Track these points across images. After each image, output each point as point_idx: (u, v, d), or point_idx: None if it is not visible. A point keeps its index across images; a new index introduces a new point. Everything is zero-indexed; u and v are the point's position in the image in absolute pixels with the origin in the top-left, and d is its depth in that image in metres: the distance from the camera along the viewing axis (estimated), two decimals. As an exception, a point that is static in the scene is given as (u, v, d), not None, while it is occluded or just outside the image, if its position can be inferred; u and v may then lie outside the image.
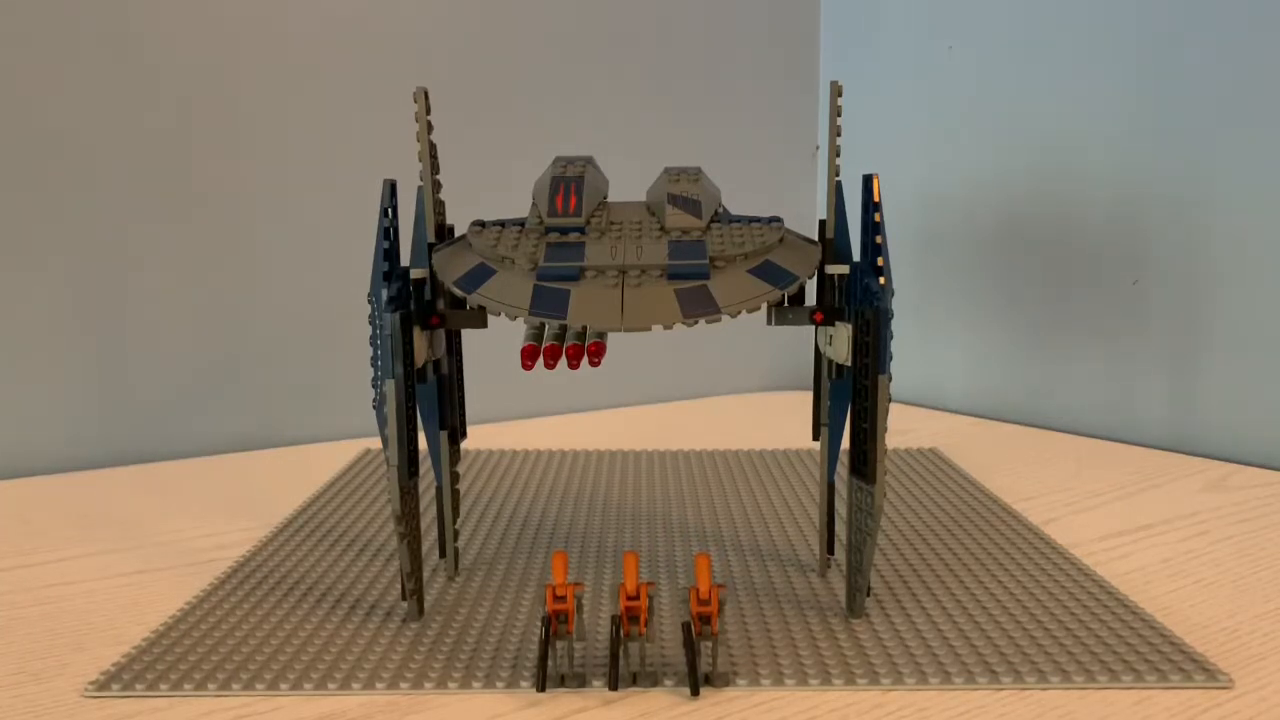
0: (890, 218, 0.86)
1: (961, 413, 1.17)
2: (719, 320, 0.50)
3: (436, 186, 0.58)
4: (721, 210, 0.56)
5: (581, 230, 0.54)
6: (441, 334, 0.60)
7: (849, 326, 0.53)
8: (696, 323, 0.49)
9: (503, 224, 0.55)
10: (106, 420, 0.96)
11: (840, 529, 0.69)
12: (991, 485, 0.84)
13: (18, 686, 0.49)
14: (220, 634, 0.54)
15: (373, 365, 0.54)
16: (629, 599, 0.46)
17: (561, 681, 0.48)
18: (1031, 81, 1.09)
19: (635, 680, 0.48)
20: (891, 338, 0.52)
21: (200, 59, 0.97)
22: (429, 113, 0.56)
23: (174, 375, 0.99)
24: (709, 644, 0.49)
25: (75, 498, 0.82)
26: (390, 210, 0.53)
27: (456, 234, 0.59)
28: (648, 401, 1.24)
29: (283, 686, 0.48)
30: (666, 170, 0.58)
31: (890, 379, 0.51)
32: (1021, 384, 1.12)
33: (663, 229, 0.54)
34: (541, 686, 0.47)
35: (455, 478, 0.63)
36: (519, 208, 0.60)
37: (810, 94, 1.32)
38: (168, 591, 0.61)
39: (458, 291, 0.52)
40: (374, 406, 0.55)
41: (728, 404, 1.24)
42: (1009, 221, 1.12)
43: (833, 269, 0.55)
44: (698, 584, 0.47)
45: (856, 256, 0.55)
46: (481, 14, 1.10)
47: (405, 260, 0.55)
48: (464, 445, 0.87)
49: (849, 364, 0.54)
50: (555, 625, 0.47)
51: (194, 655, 0.51)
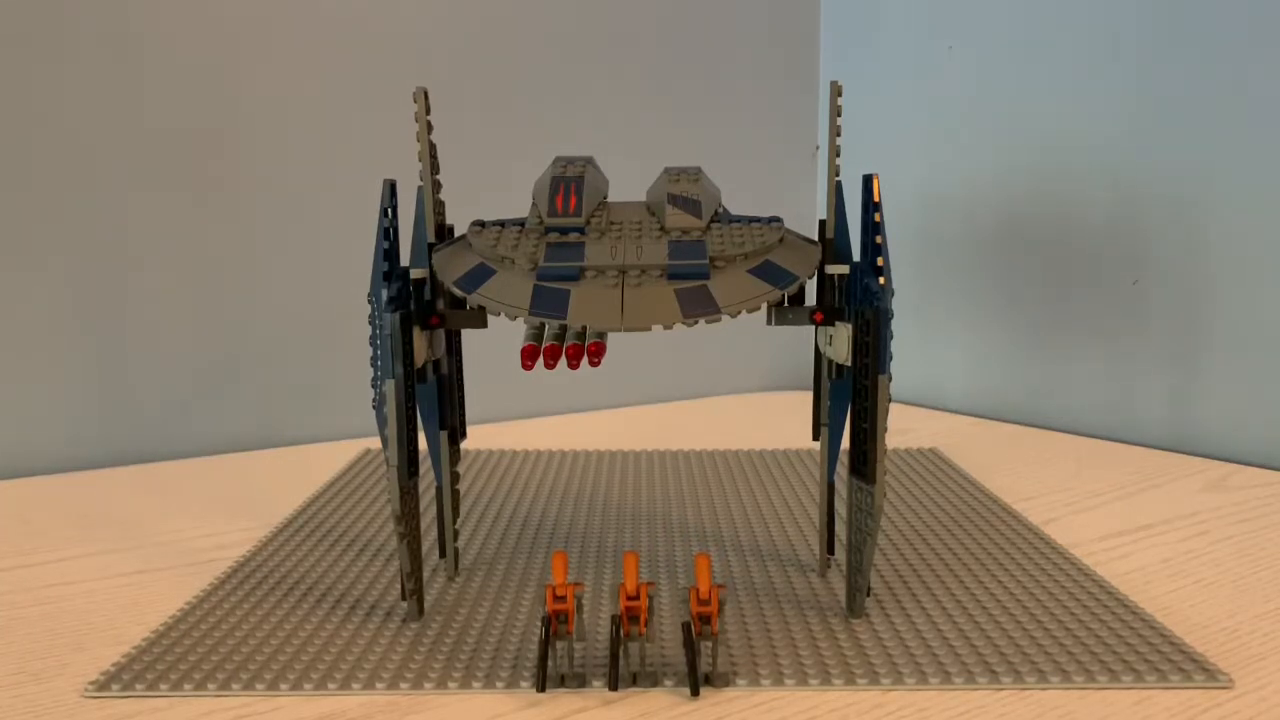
0: (890, 218, 0.86)
1: (961, 413, 1.17)
2: (719, 320, 0.50)
3: (436, 186, 0.58)
4: (721, 210, 0.56)
5: (581, 230, 0.54)
6: (441, 334, 0.60)
7: (849, 326, 0.53)
8: (696, 323, 0.49)
9: (503, 224, 0.55)
10: (106, 420, 0.96)
11: (840, 529, 0.69)
12: (991, 485, 0.84)
13: (18, 686, 0.49)
14: (220, 634, 0.54)
15: (373, 365, 0.54)
16: (629, 599, 0.46)
17: (561, 681, 0.48)
18: (1031, 81, 1.09)
19: (635, 680, 0.48)
20: (891, 338, 0.52)
21: (200, 59, 0.97)
22: (429, 113, 0.56)
23: (174, 375, 0.99)
24: (709, 644, 0.49)
25: (75, 498, 0.82)
26: (390, 210, 0.53)
27: (456, 234, 0.59)
28: (648, 401, 1.24)
29: (283, 686, 0.48)
30: (666, 170, 0.58)
31: (890, 379, 0.51)
32: (1021, 384, 1.12)
33: (663, 229, 0.54)
34: (541, 686, 0.47)
35: (455, 478, 0.63)
36: (519, 208, 0.60)
37: (810, 94, 1.32)
38: (168, 591, 0.61)
39: (458, 291, 0.52)
40: (374, 406, 0.55)
41: (728, 404, 1.24)
42: (1009, 221, 1.12)
43: (833, 269, 0.55)
44: (698, 584, 0.47)
45: (856, 256, 0.55)
46: (481, 14, 1.10)
47: (405, 260, 0.55)
48: (464, 445, 0.87)
49: (849, 364, 0.54)
50: (555, 625, 0.47)
51: (194, 655, 0.51)
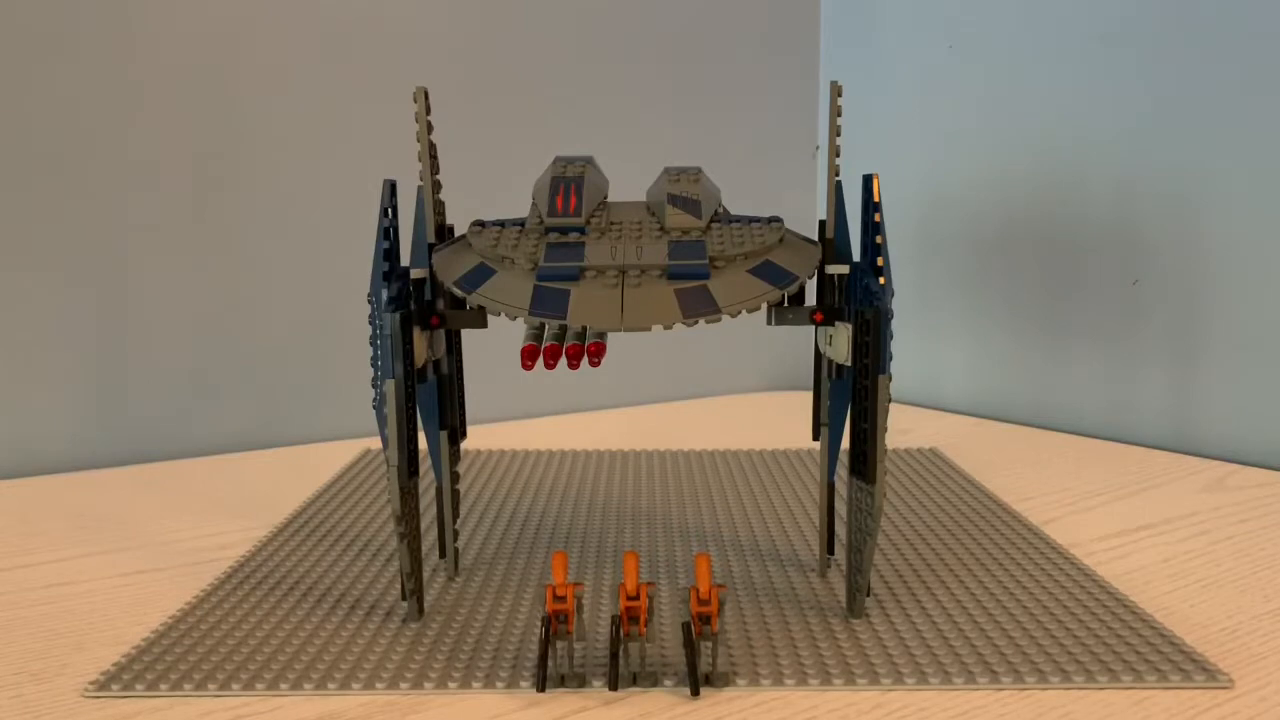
0: (890, 218, 0.87)
1: (961, 413, 1.17)
2: (719, 320, 0.50)
3: (436, 186, 0.58)
4: (721, 210, 0.56)
5: (581, 230, 0.54)
6: (441, 334, 0.60)
7: (849, 326, 0.53)
8: (696, 323, 0.49)
9: (503, 224, 0.55)
10: (106, 420, 0.96)
11: (840, 529, 0.69)
12: (991, 485, 0.84)
13: (18, 686, 0.49)
14: (220, 634, 0.54)
15: (373, 365, 0.54)
16: (629, 599, 0.46)
17: (561, 681, 0.48)
18: (1031, 81, 1.09)
19: (635, 680, 0.48)
20: (891, 338, 0.52)
21: (200, 59, 0.97)
22: (429, 113, 0.56)
23: (174, 375, 0.99)
24: (709, 644, 0.49)
25: (75, 498, 0.82)
26: (390, 210, 0.53)
27: (456, 234, 0.59)
28: (648, 401, 1.24)
29: (283, 686, 0.48)
30: (666, 170, 0.58)
31: (890, 379, 0.51)
32: (1021, 384, 1.12)
33: (663, 229, 0.54)
34: (541, 686, 0.47)
35: (455, 478, 0.63)
36: (519, 208, 0.60)
37: (810, 94, 1.32)
38: (168, 591, 0.61)
39: (458, 291, 0.52)
40: (374, 406, 0.55)
41: (728, 404, 1.24)
42: (1009, 221, 1.12)
43: (833, 269, 0.55)
44: (698, 584, 0.47)
45: (856, 256, 0.55)
46: (481, 14, 1.10)
47: (405, 260, 0.55)
48: (464, 445, 0.87)
49: (849, 364, 0.54)
50: (555, 625, 0.47)
51: (194, 655, 0.51)
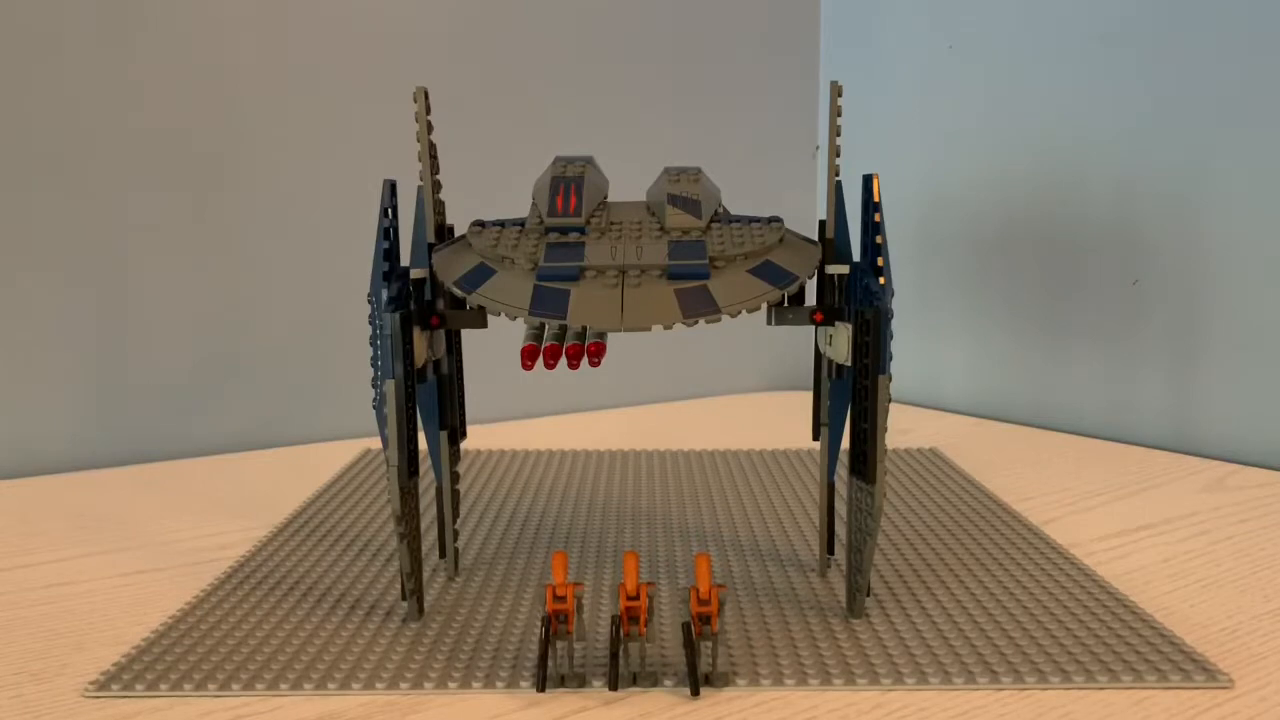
0: (890, 218, 0.87)
1: (961, 413, 1.17)
2: (719, 320, 0.50)
3: (436, 186, 0.58)
4: (721, 210, 0.56)
5: (581, 230, 0.54)
6: (441, 334, 0.60)
7: (849, 326, 0.53)
8: (696, 323, 0.49)
9: (503, 224, 0.55)
10: (106, 420, 0.96)
11: (840, 529, 0.69)
12: (991, 485, 0.84)
13: (18, 686, 0.49)
14: (220, 634, 0.54)
15: (373, 365, 0.54)
16: (629, 599, 0.46)
17: (561, 681, 0.48)
18: (1031, 81, 1.09)
19: (635, 680, 0.48)
20: (891, 338, 0.52)
21: (200, 59, 0.97)
22: (429, 113, 0.56)
23: (174, 375, 0.99)
24: (709, 644, 0.49)
25: (75, 498, 0.82)
26: (390, 210, 0.53)
27: (456, 234, 0.59)
28: (648, 401, 1.24)
29: (283, 686, 0.48)
30: (666, 170, 0.58)
31: (890, 379, 0.51)
32: (1021, 384, 1.12)
33: (663, 229, 0.54)
34: (541, 686, 0.47)
35: (455, 478, 0.63)
36: (519, 208, 0.60)
37: (810, 94, 1.32)
38: (168, 591, 0.61)
39: (458, 291, 0.52)
40: (374, 406, 0.55)
41: (728, 404, 1.24)
42: (1009, 221, 1.12)
43: (833, 269, 0.55)
44: (698, 584, 0.47)
45: (856, 256, 0.55)
46: (481, 14, 1.10)
47: (405, 260, 0.55)
48: (464, 445, 0.87)
49: (849, 364, 0.54)
50: (555, 625, 0.47)
51: (194, 655, 0.51)
